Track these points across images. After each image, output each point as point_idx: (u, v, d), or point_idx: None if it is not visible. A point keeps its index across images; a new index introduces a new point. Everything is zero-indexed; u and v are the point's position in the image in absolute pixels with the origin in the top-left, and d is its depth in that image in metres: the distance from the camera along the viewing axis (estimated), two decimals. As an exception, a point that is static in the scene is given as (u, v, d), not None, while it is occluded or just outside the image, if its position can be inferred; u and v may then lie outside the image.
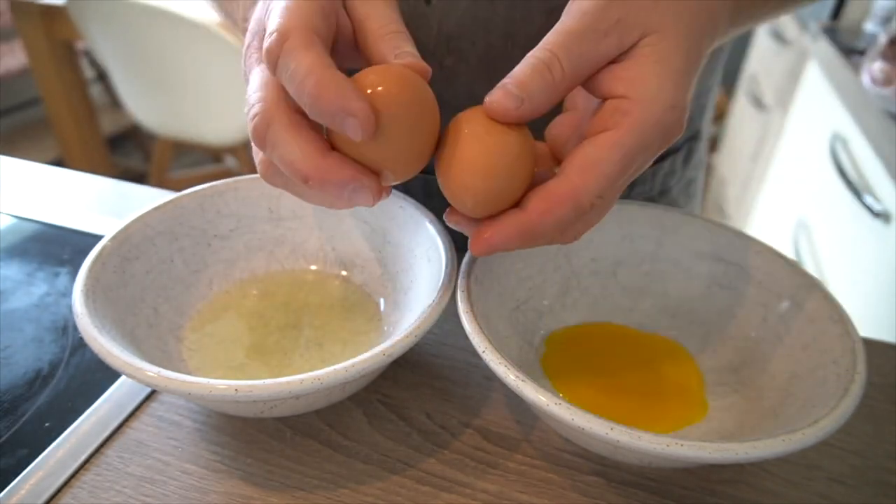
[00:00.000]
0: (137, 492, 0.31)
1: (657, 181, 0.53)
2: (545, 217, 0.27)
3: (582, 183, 0.26)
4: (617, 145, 0.26)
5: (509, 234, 0.27)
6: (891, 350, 0.42)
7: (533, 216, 0.27)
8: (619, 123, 0.26)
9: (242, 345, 0.37)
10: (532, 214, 0.27)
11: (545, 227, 0.27)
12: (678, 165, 0.54)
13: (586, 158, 0.26)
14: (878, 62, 0.97)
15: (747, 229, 1.49)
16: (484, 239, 0.28)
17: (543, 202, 0.27)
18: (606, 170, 0.26)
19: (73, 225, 0.51)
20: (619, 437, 0.26)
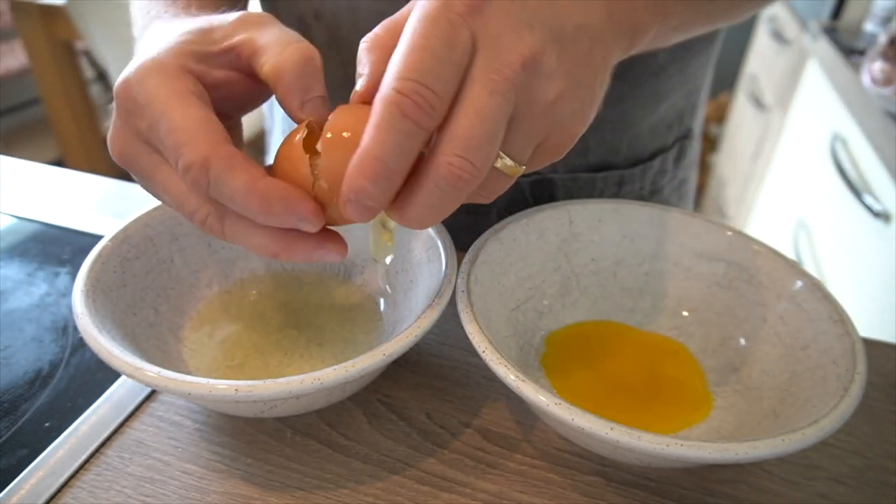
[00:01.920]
0: (137, 492, 0.31)
1: (647, 180, 0.53)
2: (369, 136, 0.24)
3: (385, 85, 0.24)
4: (404, 38, 0.24)
5: (352, 176, 0.24)
6: (891, 350, 0.42)
7: (363, 143, 0.24)
8: None
9: (242, 345, 0.37)
10: (363, 142, 0.24)
11: (378, 146, 0.24)
12: (669, 164, 0.54)
13: (386, 72, 0.25)
14: (878, 62, 0.97)
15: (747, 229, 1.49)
16: (344, 200, 0.25)
17: (368, 124, 0.24)
18: (400, 54, 0.24)
19: (73, 225, 0.51)
20: (619, 437, 0.26)
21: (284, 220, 0.26)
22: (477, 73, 0.25)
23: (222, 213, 0.28)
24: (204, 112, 0.28)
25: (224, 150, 0.26)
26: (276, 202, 0.26)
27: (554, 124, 0.27)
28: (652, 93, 0.48)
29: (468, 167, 0.25)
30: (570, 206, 0.40)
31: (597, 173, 0.50)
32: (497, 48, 0.25)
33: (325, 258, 0.29)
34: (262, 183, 0.26)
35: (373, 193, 0.25)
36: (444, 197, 0.26)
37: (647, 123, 0.50)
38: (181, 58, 0.29)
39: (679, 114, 0.52)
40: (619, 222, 0.41)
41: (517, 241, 0.38)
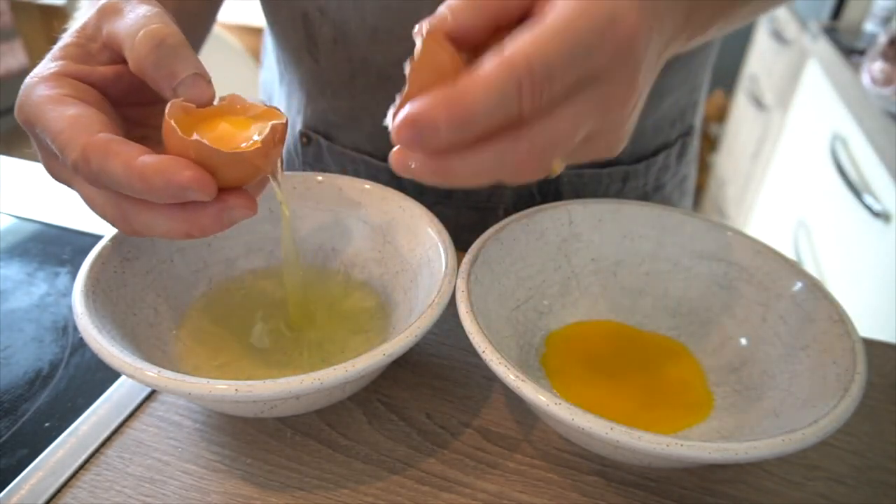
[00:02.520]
0: (137, 492, 0.31)
1: (651, 176, 0.53)
2: (477, 85, 0.22)
3: (518, 50, 0.22)
4: (557, 22, 0.23)
5: (435, 105, 0.22)
6: (891, 350, 0.42)
7: (463, 84, 0.22)
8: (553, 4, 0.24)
9: (242, 344, 0.37)
10: (463, 82, 0.23)
11: (480, 100, 0.22)
12: (672, 160, 0.54)
13: (519, 36, 0.23)
14: (878, 62, 0.97)
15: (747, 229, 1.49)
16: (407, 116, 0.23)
17: (475, 71, 0.23)
18: (546, 35, 0.23)
19: (73, 225, 0.51)
20: (619, 437, 0.26)
21: (170, 192, 0.26)
22: (591, 88, 0.24)
23: (126, 210, 0.28)
24: (78, 109, 0.28)
25: (98, 139, 0.27)
26: (154, 175, 0.26)
27: (607, 144, 0.28)
28: (656, 89, 0.48)
29: (539, 159, 0.25)
30: (571, 206, 0.40)
31: (602, 169, 0.50)
32: (620, 80, 0.25)
33: (234, 218, 0.28)
34: (137, 162, 0.26)
35: (441, 134, 0.23)
36: (499, 168, 0.25)
37: (652, 120, 0.50)
38: (61, 63, 0.30)
39: (682, 110, 0.52)
40: (619, 222, 0.41)
41: (517, 241, 0.38)
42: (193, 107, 0.29)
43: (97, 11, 0.31)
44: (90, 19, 0.31)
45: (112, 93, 0.31)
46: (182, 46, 0.29)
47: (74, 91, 0.29)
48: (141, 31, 0.28)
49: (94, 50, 0.31)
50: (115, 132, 0.28)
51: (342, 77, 0.47)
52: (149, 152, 0.27)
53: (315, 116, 0.51)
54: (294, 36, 0.48)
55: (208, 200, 0.27)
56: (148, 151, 0.27)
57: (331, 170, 0.53)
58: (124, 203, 0.29)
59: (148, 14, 0.29)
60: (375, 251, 0.41)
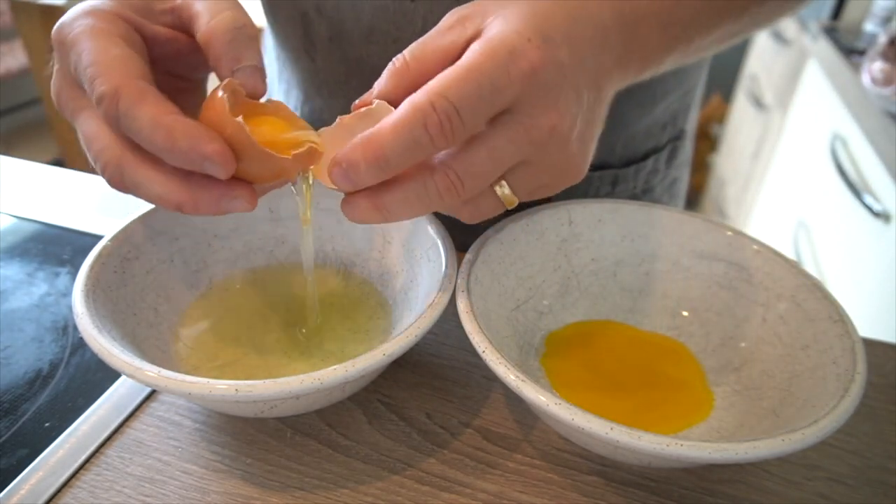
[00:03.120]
0: (137, 492, 0.31)
1: (640, 180, 0.53)
2: (387, 126, 0.26)
3: (423, 92, 0.26)
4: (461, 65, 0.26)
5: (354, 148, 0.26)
6: (891, 350, 0.42)
7: (378, 127, 0.26)
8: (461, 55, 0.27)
9: (242, 344, 0.37)
10: (378, 126, 0.26)
11: (389, 138, 0.26)
12: (661, 164, 0.54)
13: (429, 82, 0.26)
14: (878, 62, 0.97)
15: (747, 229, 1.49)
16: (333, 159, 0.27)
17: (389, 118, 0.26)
18: (451, 76, 0.25)
19: (73, 225, 0.51)
20: (619, 437, 0.26)
21: (190, 158, 0.26)
22: (505, 124, 0.27)
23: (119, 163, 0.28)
24: (124, 51, 0.28)
25: (136, 83, 0.27)
26: (182, 137, 0.26)
27: (557, 173, 0.30)
28: (648, 94, 0.48)
29: (459, 186, 0.28)
30: (570, 206, 0.40)
31: (593, 172, 0.50)
32: (534, 110, 0.27)
33: (232, 207, 0.28)
34: (169, 117, 0.26)
35: (361, 173, 0.27)
36: (423, 198, 0.28)
37: (643, 124, 0.50)
38: (120, 5, 0.30)
39: (673, 115, 0.52)
40: (619, 222, 0.41)
41: (517, 241, 0.38)
42: (243, 93, 0.29)
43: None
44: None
45: (156, 53, 0.31)
46: (256, 39, 0.30)
47: (125, 34, 0.29)
48: (225, 12, 0.29)
49: (158, 10, 0.31)
50: (153, 84, 0.28)
51: (338, 76, 0.47)
52: (181, 113, 0.27)
53: (311, 115, 0.52)
54: (293, 35, 0.48)
55: (222, 178, 0.27)
56: (181, 113, 0.27)
57: None
58: (128, 152, 0.28)
59: (232, 2, 0.30)
60: (375, 251, 0.41)
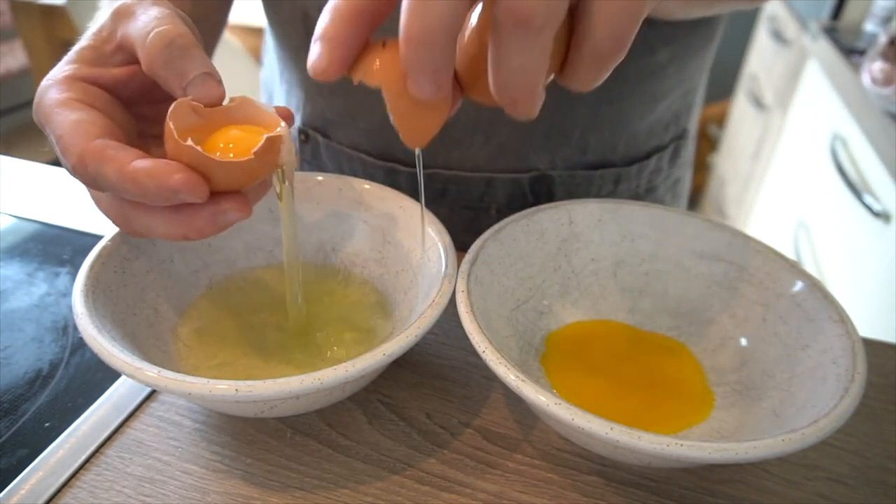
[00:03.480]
0: (137, 492, 0.31)
1: (643, 179, 0.53)
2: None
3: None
4: None
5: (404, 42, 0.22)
6: (891, 350, 0.42)
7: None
8: None
9: (242, 344, 0.37)
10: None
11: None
12: (665, 164, 0.54)
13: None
14: (878, 62, 0.97)
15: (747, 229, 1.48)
16: (403, 37, 0.22)
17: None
18: None
19: (73, 225, 0.51)
20: (619, 437, 0.26)
21: (162, 195, 0.27)
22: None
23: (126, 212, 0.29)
24: (80, 115, 0.28)
25: (93, 146, 0.27)
26: (146, 179, 0.26)
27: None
28: (650, 92, 0.48)
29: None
30: (570, 206, 0.40)
31: (594, 170, 0.50)
32: None
33: (227, 220, 0.29)
34: (130, 167, 0.26)
35: (432, 57, 0.22)
36: (522, 44, 0.22)
37: (645, 123, 0.50)
38: (74, 68, 0.30)
39: (676, 114, 0.52)
40: (619, 222, 0.41)
41: (517, 241, 0.38)
42: (202, 106, 0.29)
43: (112, 14, 0.31)
44: (105, 22, 0.31)
45: (125, 93, 0.32)
46: (192, 47, 0.29)
47: (83, 95, 0.29)
48: (152, 32, 0.29)
49: (108, 52, 0.31)
50: (117, 136, 0.28)
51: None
52: (143, 156, 0.27)
53: (313, 114, 0.52)
54: (294, 34, 0.48)
55: (200, 202, 0.28)
56: (142, 156, 0.27)
57: (328, 167, 0.53)
58: (125, 206, 0.29)
59: (159, 16, 0.30)
60: (375, 251, 0.41)
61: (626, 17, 0.23)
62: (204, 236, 0.29)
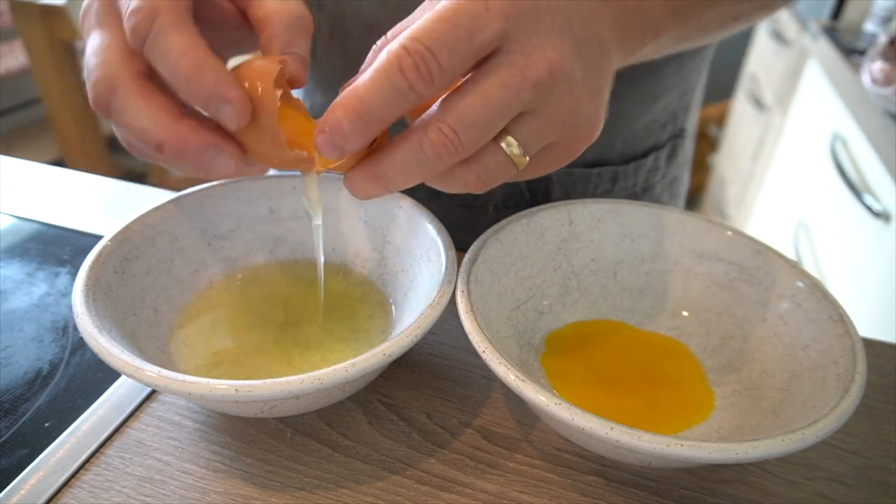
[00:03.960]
0: (137, 492, 0.31)
1: (640, 177, 0.53)
2: (364, 78, 0.25)
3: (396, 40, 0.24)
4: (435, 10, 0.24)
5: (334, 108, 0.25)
6: (891, 350, 0.42)
7: (356, 83, 0.25)
8: None
9: (242, 344, 0.37)
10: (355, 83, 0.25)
11: (368, 88, 0.24)
12: (662, 162, 0.54)
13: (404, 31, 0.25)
14: (878, 62, 0.97)
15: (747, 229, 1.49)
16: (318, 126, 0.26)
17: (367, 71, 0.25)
18: (424, 21, 0.24)
19: (73, 225, 0.51)
20: (619, 437, 0.26)
21: (208, 95, 0.26)
22: (496, 66, 0.25)
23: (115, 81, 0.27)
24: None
25: (178, 11, 0.26)
26: (210, 73, 0.26)
27: (568, 128, 0.27)
28: (648, 92, 0.48)
29: (455, 140, 0.25)
30: (570, 206, 0.40)
31: (592, 169, 0.50)
32: (527, 50, 0.25)
33: (215, 163, 0.28)
34: (202, 51, 0.26)
35: (346, 132, 0.25)
36: (420, 160, 0.26)
37: (643, 121, 0.50)
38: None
39: (673, 113, 0.52)
40: (619, 222, 0.41)
41: (517, 241, 0.38)
42: (286, 76, 0.30)
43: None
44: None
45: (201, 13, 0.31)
46: (310, 33, 0.31)
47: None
48: (293, 2, 0.30)
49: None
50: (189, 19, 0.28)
51: (337, 72, 0.47)
52: (213, 54, 0.27)
53: (312, 111, 0.52)
54: None
55: (230, 127, 0.27)
56: (213, 53, 0.27)
57: None
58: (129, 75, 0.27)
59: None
60: (375, 251, 0.41)
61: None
62: (176, 160, 0.28)
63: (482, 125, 0.25)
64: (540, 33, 0.25)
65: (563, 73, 0.25)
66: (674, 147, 0.54)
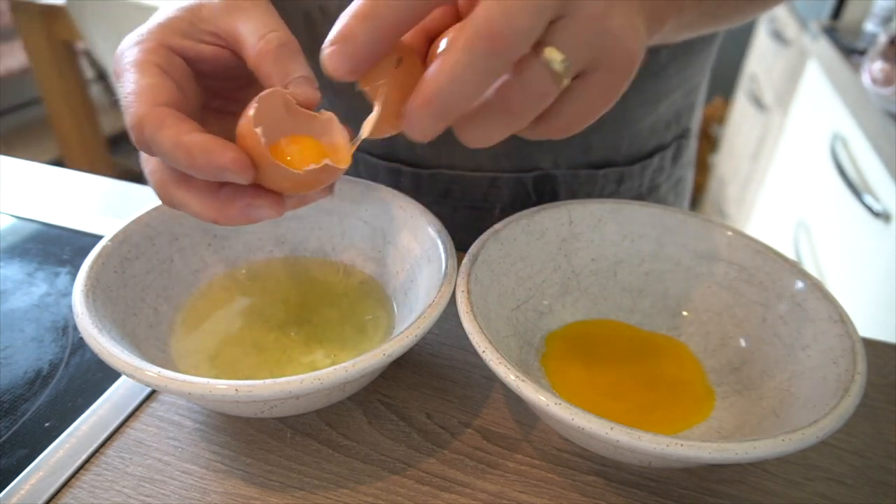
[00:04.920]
0: (137, 492, 0.31)
1: (646, 178, 0.53)
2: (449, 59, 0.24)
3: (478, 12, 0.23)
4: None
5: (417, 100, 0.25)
6: (891, 350, 0.42)
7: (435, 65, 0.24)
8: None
9: (242, 344, 0.37)
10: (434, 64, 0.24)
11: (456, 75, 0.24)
12: (667, 162, 0.54)
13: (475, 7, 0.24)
14: (878, 62, 0.97)
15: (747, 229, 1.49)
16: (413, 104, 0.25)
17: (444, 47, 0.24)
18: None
19: (73, 225, 0.51)
20: (619, 437, 0.26)
21: (209, 170, 0.27)
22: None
23: (167, 181, 0.30)
24: (156, 80, 0.29)
25: (157, 111, 0.28)
26: (200, 153, 0.27)
27: (604, 38, 0.26)
28: (652, 92, 0.48)
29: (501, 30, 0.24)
30: (570, 206, 0.40)
31: (598, 170, 0.50)
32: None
33: (259, 215, 0.29)
34: (186, 137, 0.27)
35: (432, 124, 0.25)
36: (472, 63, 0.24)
37: (648, 122, 0.50)
38: (164, 33, 0.31)
39: (678, 113, 0.52)
40: (619, 222, 0.41)
41: (517, 241, 0.38)
42: (293, 102, 0.30)
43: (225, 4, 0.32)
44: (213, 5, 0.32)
45: (203, 68, 0.33)
46: (300, 52, 0.31)
47: (163, 60, 0.30)
48: (267, 35, 0.31)
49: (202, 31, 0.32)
50: (182, 105, 0.29)
51: None
52: (201, 130, 0.28)
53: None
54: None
55: (244, 183, 0.28)
56: (200, 129, 0.28)
57: None
58: (168, 174, 0.30)
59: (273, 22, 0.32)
60: (375, 251, 0.41)
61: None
62: (232, 224, 0.30)
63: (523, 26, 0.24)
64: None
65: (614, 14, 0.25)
66: (678, 147, 0.54)
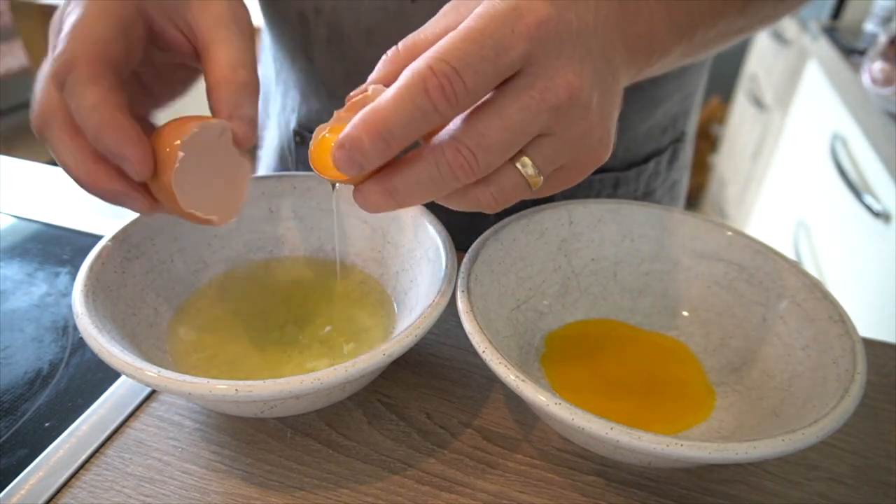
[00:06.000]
0: (137, 492, 0.31)
1: (641, 182, 0.53)
2: (388, 96, 0.24)
3: (421, 59, 0.24)
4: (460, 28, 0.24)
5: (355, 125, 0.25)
6: (891, 350, 0.42)
7: (378, 100, 0.25)
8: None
9: (242, 343, 0.37)
10: (378, 99, 0.25)
11: (391, 107, 0.24)
12: (663, 167, 0.54)
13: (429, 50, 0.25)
14: (878, 62, 0.97)
15: (747, 229, 1.49)
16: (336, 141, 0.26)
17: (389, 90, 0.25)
18: (449, 40, 0.24)
19: (73, 225, 0.51)
20: (619, 437, 0.26)
21: (110, 150, 0.28)
22: (518, 88, 0.25)
23: (51, 116, 0.29)
24: (109, 33, 0.29)
25: (97, 65, 0.28)
26: (112, 130, 0.27)
27: (581, 151, 0.28)
28: (649, 97, 0.48)
29: (472, 161, 0.25)
30: (570, 205, 0.40)
31: (593, 175, 0.50)
32: (549, 73, 0.25)
33: (129, 205, 0.30)
34: (109, 111, 0.27)
35: (366, 150, 0.25)
36: (435, 178, 0.26)
37: (644, 127, 0.50)
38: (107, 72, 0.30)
39: (674, 118, 0.53)
40: (619, 222, 0.41)
41: (517, 241, 0.38)
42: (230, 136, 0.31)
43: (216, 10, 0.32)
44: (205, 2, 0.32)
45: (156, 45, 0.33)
46: (257, 95, 0.32)
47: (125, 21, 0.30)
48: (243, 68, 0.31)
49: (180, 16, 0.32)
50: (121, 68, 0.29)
51: (336, 77, 0.47)
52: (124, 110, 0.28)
53: (309, 116, 0.52)
54: (290, 35, 0.48)
55: (135, 179, 0.29)
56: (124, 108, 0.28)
57: None
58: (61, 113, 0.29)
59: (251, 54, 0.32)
60: (375, 251, 0.41)
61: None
62: (92, 194, 0.30)
63: (500, 147, 0.26)
64: (562, 57, 0.25)
65: (581, 98, 0.26)
66: (674, 151, 0.54)
